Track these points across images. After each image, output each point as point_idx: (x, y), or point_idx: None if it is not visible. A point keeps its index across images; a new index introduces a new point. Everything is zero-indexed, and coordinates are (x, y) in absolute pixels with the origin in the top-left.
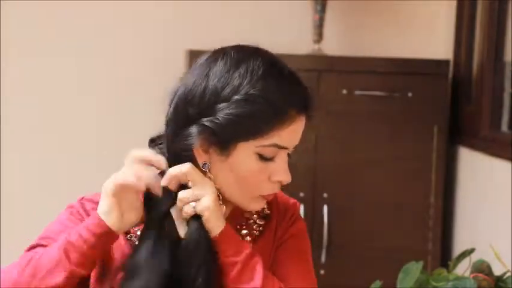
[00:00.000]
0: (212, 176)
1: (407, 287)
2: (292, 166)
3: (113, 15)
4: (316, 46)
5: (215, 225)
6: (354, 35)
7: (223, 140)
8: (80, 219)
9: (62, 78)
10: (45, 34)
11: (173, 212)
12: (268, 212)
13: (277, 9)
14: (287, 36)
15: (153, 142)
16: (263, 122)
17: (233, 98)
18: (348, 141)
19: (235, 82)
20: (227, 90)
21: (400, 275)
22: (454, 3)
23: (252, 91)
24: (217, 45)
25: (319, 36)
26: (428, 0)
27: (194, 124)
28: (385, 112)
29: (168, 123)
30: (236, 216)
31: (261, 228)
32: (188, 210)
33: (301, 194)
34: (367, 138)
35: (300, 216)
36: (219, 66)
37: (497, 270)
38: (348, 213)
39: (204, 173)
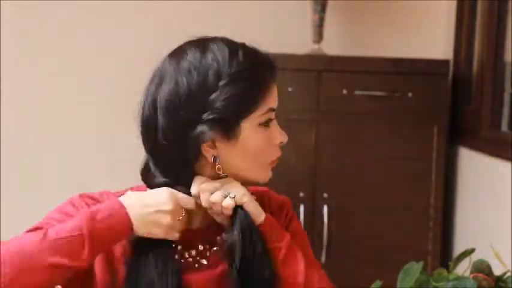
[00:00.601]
0: (221, 167)
1: (407, 287)
2: (292, 166)
3: (113, 15)
4: (316, 46)
5: (257, 211)
6: (354, 35)
7: (230, 125)
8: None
9: (62, 78)
10: (45, 34)
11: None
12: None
13: (277, 9)
14: (287, 36)
15: (149, 172)
16: (255, 93)
17: (219, 84)
18: (347, 141)
19: (211, 69)
20: (210, 79)
21: (400, 275)
22: (454, 3)
23: (232, 70)
24: None
25: (319, 36)
26: (428, 0)
27: (198, 124)
28: (385, 112)
29: (162, 135)
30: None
31: None
32: (227, 203)
33: (301, 194)
34: (367, 138)
35: (294, 213)
36: (188, 62)
37: (497, 270)
38: (348, 213)
39: (214, 166)
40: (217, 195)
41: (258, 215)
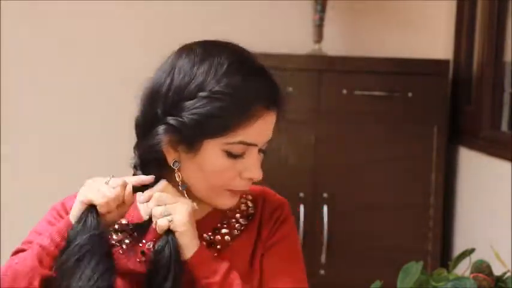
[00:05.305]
0: (181, 175)
1: (407, 287)
2: (292, 166)
3: (113, 15)
4: (316, 46)
5: (189, 243)
6: (354, 35)
7: (190, 138)
8: (61, 219)
9: (62, 78)
10: (45, 34)
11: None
12: (253, 211)
13: (277, 9)
14: (287, 36)
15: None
16: (228, 120)
17: (198, 95)
18: (348, 141)
19: (200, 79)
20: (191, 87)
21: (400, 275)
22: (454, 3)
23: (216, 88)
24: None
25: (319, 36)
26: (428, 1)
27: (160, 123)
28: (385, 112)
29: (136, 124)
30: (217, 215)
31: (242, 227)
32: (161, 223)
33: (301, 194)
34: (367, 138)
35: (289, 215)
36: (184, 63)
37: (497, 270)
38: (348, 213)
39: (173, 170)
40: (158, 211)
41: (189, 248)
